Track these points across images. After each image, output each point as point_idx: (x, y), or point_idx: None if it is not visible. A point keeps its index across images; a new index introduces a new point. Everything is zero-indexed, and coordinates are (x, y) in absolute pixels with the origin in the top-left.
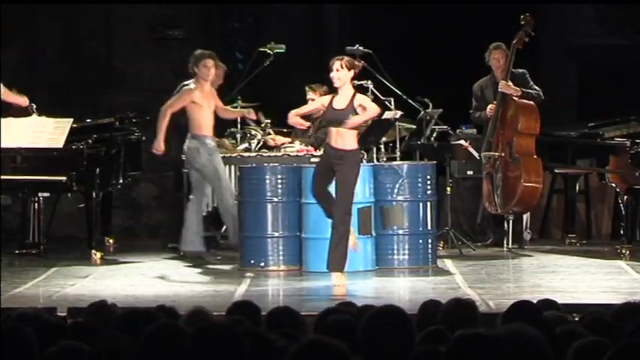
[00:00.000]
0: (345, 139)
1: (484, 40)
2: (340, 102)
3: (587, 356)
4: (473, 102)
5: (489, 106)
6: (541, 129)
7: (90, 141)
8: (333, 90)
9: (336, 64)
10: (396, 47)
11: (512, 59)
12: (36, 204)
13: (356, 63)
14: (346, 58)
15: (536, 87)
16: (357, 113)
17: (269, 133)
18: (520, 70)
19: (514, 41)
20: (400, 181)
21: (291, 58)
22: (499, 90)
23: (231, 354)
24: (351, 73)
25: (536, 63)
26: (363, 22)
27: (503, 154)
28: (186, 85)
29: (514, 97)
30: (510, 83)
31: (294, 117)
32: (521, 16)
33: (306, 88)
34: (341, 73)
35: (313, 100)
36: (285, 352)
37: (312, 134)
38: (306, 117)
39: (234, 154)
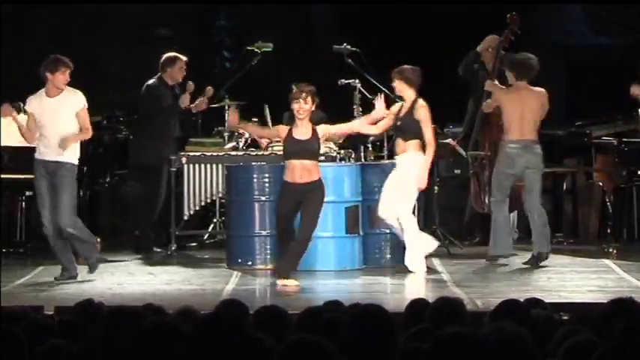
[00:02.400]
0: (311, 171)
1: (471, 39)
2: (302, 132)
3: (578, 355)
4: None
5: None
6: None
7: None
8: (320, 91)
9: (303, 97)
10: (383, 46)
11: (499, 58)
12: (23, 203)
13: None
14: (312, 91)
15: None
16: (319, 143)
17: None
18: None
19: (500, 39)
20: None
21: (278, 57)
22: (485, 89)
23: (221, 352)
24: (313, 106)
25: None
26: (351, 21)
27: (489, 153)
28: (150, 85)
29: None
30: (496, 82)
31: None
32: (507, 15)
33: (294, 87)
34: (307, 106)
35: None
36: (272, 351)
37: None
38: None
39: (222, 153)
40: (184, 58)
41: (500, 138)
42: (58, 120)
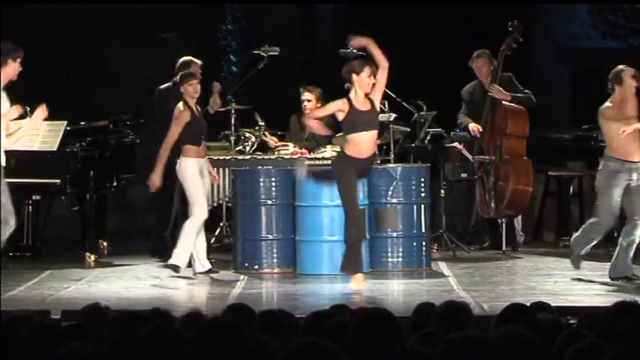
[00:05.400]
0: (375, 143)
1: (478, 42)
2: (363, 103)
3: (584, 359)
4: (463, 105)
5: (472, 125)
6: (531, 131)
7: (84, 144)
8: (328, 91)
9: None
10: (389, 49)
11: (502, 65)
12: (30, 206)
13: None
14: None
15: (525, 90)
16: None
17: (264, 135)
18: (506, 74)
19: (502, 47)
20: (394, 183)
21: (284, 60)
22: (488, 95)
23: (225, 356)
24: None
25: (529, 66)
26: (356, 24)
27: (493, 158)
28: (160, 89)
29: (503, 102)
30: (500, 88)
31: (312, 120)
32: (509, 23)
33: (302, 90)
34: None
35: (310, 100)
36: (277, 355)
37: (310, 137)
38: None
39: (228, 157)
40: (198, 62)
41: (505, 143)
42: None
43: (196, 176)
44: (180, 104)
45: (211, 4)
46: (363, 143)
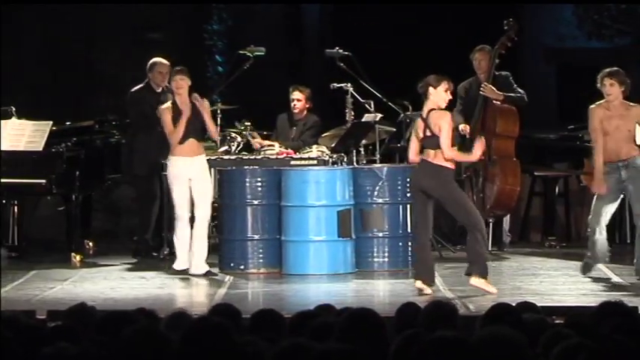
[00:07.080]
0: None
1: (466, 42)
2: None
3: (569, 358)
4: (457, 102)
5: (461, 126)
6: (521, 132)
7: (69, 144)
8: (315, 91)
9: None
10: (376, 48)
11: (495, 63)
12: (15, 207)
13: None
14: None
15: (520, 90)
16: None
17: (251, 136)
18: (504, 73)
19: (497, 46)
20: (380, 183)
21: (270, 60)
22: (480, 93)
23: (212, 356)
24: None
25: (515, 66)
26: (342, 23)
27: (483, 157)
28: (132, 91)
29: (495, 101)
30: (493, 87)
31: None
32: (505, 22)
33: (291, 89)
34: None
35: (299, 100)
36: (263, 356)
37: (297, 137)
38: (290, 120)
39: (214, 157)
40: (165, 63)
41: (494, 143)
42: None
43: (175, 177)
44: (168, 103)
45: (197, 4)
46: None
